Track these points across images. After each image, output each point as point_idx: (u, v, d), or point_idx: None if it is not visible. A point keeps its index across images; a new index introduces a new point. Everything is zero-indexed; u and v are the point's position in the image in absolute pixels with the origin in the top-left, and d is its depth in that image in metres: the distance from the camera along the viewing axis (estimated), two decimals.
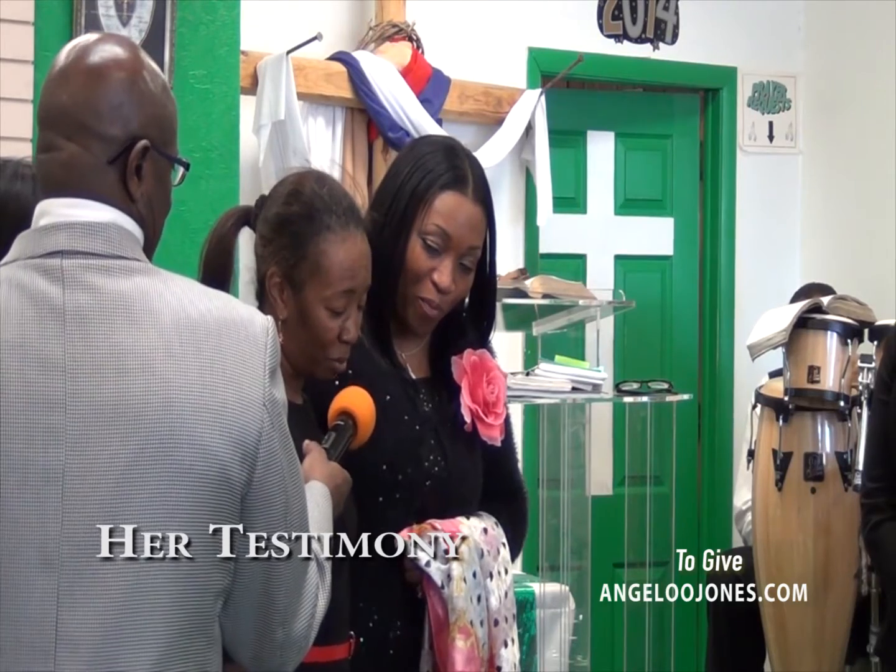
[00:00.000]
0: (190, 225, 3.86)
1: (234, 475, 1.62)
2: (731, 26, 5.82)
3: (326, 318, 2.16)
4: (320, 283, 2.15)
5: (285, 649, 1.72)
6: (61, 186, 1.67)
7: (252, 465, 1.63)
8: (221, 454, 1.61)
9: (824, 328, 4.24)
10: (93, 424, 1.59)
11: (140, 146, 1.68)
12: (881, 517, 3.13)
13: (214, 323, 1.64)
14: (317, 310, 2.16)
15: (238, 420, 1.62)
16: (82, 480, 1.58)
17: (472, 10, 5.31)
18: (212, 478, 1.60)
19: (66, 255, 1.64)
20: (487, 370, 2.46)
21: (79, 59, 1.68)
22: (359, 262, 2.18)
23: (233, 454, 1.61)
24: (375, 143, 4.90)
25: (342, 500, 2.08)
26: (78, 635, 1.57)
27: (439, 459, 2.40)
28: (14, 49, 3.72)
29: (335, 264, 2.15)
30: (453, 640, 2.29)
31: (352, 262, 2.17)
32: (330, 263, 2.15)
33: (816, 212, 5.89)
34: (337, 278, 2.15)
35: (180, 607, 1.60)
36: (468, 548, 2.34)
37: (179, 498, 1.59)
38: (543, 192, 5.20)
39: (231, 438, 1.61)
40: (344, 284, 2.16)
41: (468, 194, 2.41)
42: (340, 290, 2.16)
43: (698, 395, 5.80)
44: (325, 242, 2.15)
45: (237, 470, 1.62)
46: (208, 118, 4.06)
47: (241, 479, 1.63)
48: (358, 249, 2.18)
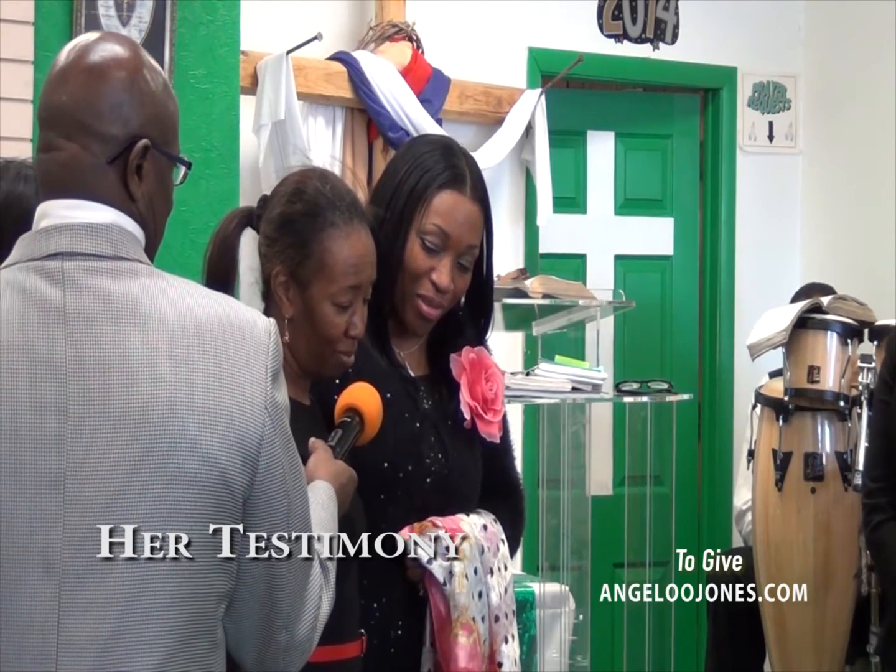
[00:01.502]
0: (190, 225, 3.86)
1: (235, 479, 1.61)
2: (731, 26, 5.81)
3: (333, 314, 2.16)
4: (326, 280, 2.15)
5: (288, 652, 1.72)
6: (61, 187, 1.66)
7: (253, 469, 1.63)
8: (222, 458, 1.60)
9: (824, 328, 4.24)
10: (94, 428, 1.58)
11: (140, 145, 1.67)
12: (883, 517, 3.13)
13: (216, 325, 1.63)
14: (323, 306, 2.16)
15: (239, 424, 1.61)
16: (83, 485, 1.57)
17: (472, 10, 5.30)
18: (212, 482, 1.60)
19: (67, 257, 1.63)
20: (486, 367, 2.47)
21: (79, 59, 1.67)
22: (364, 257, 2.19)
23: (234, 458, 1.61)
24: (375, 143, 4.90)
25: (348, 499, 2.07)
26: (80, 640, 1.57)
27: (440, 457, 2.40)
28: (14, 49, 3.71)
29: (340, 260, 2.15)
30: (456, 636, 2.29)
31: (357, 258, 2.17)
32: (335, 260, 2.15)
33: (816, 212, 5.89)
34: (342, 274, 2.15)
35: (182, 611, 1.60)
36: (469, 544, 2.34)
37: (180, 502, 1.58)
38: (543, 192, 5.20)
39: (232, 442, 1.60)
40: (349, 280, 2.16)
41: (466, 193, 2.41)
42: (346, 285, 2.16)
43: (698, 395, 5.80)
44: (329, 239, 2.15)
45: (238, 474, 1.61)
46: (208, 118, 4.05)
47: (242, 483, 1.62)
48: (362, 244, 2.19)
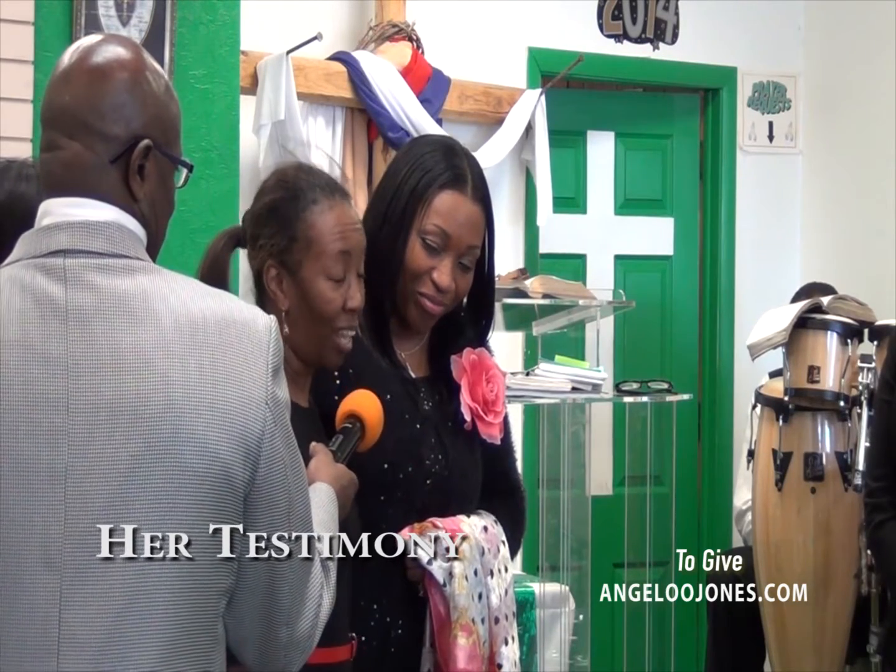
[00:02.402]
0: (190, 225, 3.86)
1: (236, 474, 1.62)
2: (731, 26, 5.81)
3: (328, 290, 2.16)
4: (315, 255, 2.16)
5: (289, 649, 1.72)
6: (63, 186, 1.67)
7: (254, 464, 1.63)
8: (223, 453, 1.60)
9: (824, 328, 4.24)
10: (95, 424, 1.58)
11: (142, 146, 1.67)
12: (884, 516, 3.13)
13: (216, 322, 1.64)
14: (317, 283, 2.16)
15: (240, 419, 1.62)
16: (84, 480, 1.58)
17: (472, 10, 5.30)
18: (213, 477, 1.60)
19: (69, 255, 1.63)
20: (487, 369, 2.47)
21: (82, 60, 1.68)
22: (348, 224, 2.19)
23: (235, 453, 1.61)
24: (375, 143, 4.90)
25: (348, 502, 2.07)
26: (81, 635, 1.57)
27: (440, 458, 2.40)
28: (14, 49, 3.71)
29: (326, 231, 2.16)
30: (455, 637, 2.28)
31: (342, 225, 2.18)
32: (320, 232, 2.16)
33: (816, 212, 5.89)
34: (330, 243, 2.16)
35: (183, 606, 1.60)
36: (469, 546, 2.34)
37: (181, 497, 1.59)
38: (543, 192, 5.20)
39: (233, 437, 1.61)
40: (336, 246, 2.16)
41: (467, 193, 2.41)
42: (335, 251, 2.16)
43: (698, 395, 5.80)
44: (312, 215, 2.16)
45: (239, 469, 1.62)
46: (208, 118, 4.05)
47: (243, 479, 1.62)
48: (346, 213, 2.19)
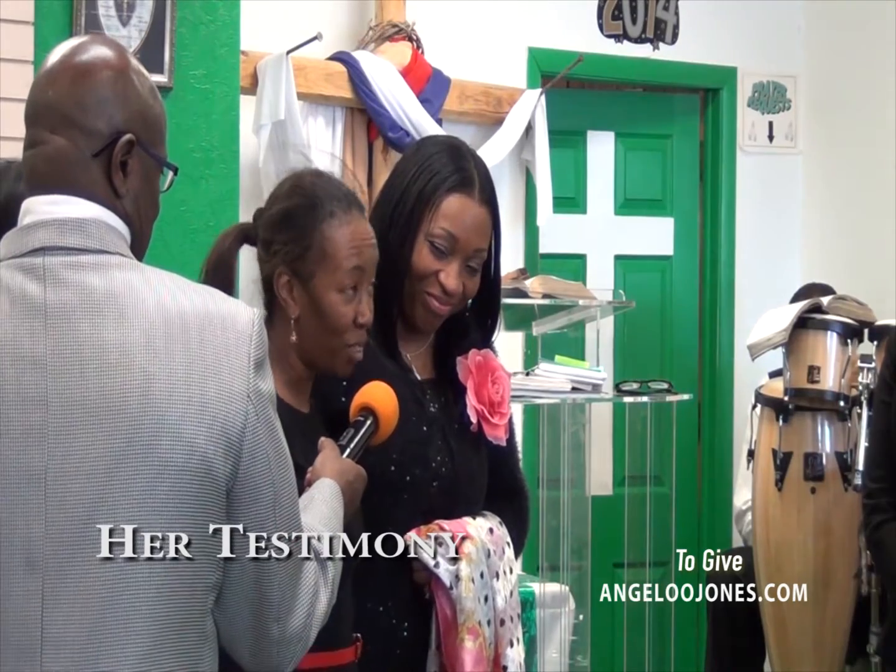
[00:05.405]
0: (190, 225, 3.86)
1: (217, 468, 1.61)
2: (731, 26, 5.81)
3: (340, 303, 2.15)
4: (329, 268, 2.15)
5: (282, 646, 1.70)
6: (45, 182, 1.67)
7: (237, 458, 1.62)
8: (204, 447, 1.60)
9: (824, 328, 4.24)
10: (75, 422, 1.58)
11: (124, 140, 1.67)
12: (883, 517, 3.13)
13: (196, 316, 1.63)
14: (329, 296, 2.15)
15: (221, 412, 1.61)
16: (65, 479, 1.57)
17: (472, 10, 5.30)
18: (195, 472, 1.59)
19: (49, 253, 1.63)
20: (492, 370, 2.46)
21: (66, 59, 1.69)
22: (364, 240, 2.18)
23: (216, 447, 1.60)
24: (375, 143, 4.90)
25: (356, 497, 2.05)
26: (63, 635, 1.57)
27: (446, 460, 2.40)
28: (14, 49, 3.71)
29: (341, 245, 2.15)
30: (462, 640, 2.27)
31: (358, 240, 2.17)
32: (336, 246, 2.15)
33: (816, 212, 5.89)
34: (345, 258, 2.15)
35: (167, 602, 1.59)
36: (476, 548, 2.33)
37: (163, 494, 1.58)
38: (543, 192, 5.20)
39: (214, 431, 1.60)
40: (351, 261, 2.15)
41: (475, 196, 2.40)
42: (348, 267, 2.15)
43: (698, 395, 5.80)
44: (329, 229, 2.15)
45: (221, 463, 1.61)
46: (208, 118, 4.05)
47: (224, 473, 1.61)
48: (362, 229, 2.19)
